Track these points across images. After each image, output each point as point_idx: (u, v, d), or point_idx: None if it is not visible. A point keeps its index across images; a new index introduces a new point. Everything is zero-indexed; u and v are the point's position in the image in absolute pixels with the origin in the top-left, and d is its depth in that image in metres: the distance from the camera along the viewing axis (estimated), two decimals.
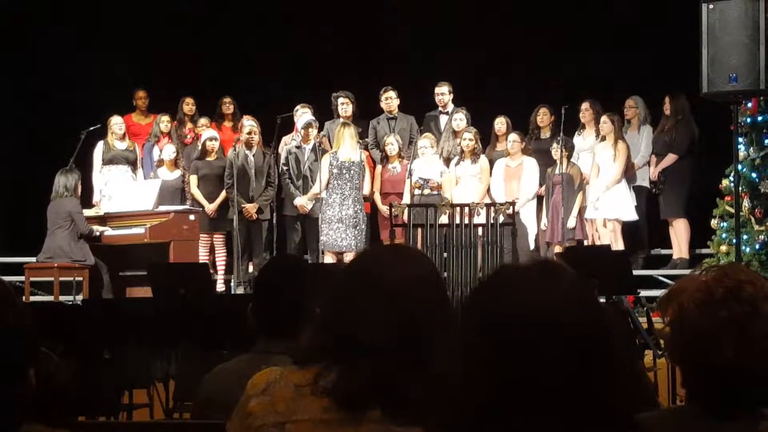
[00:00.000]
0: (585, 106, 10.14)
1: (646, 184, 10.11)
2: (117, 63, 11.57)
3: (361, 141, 10.32)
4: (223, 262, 10.31)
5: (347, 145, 9.58)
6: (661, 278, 9.55)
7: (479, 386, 1.28)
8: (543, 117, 10.43)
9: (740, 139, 8.59)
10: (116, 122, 10.63)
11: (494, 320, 1.31)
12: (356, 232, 9.43)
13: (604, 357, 1.31)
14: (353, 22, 11.84)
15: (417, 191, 9.73)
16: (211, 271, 9.56)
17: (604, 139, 9.84)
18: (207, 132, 10.58)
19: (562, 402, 1.26)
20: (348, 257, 9.26)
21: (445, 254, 8.66)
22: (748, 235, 8.61)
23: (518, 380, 1.26)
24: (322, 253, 9.44)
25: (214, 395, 2.80)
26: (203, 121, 11.08)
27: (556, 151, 9.69)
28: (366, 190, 9.76)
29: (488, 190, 9.96)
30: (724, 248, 8.82)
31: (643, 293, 7.84)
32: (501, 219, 8.69)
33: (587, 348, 1.30)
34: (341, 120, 10.34)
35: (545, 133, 10.41)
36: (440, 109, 10.65)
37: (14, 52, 11.62)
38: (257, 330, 2.88)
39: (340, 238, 9.38)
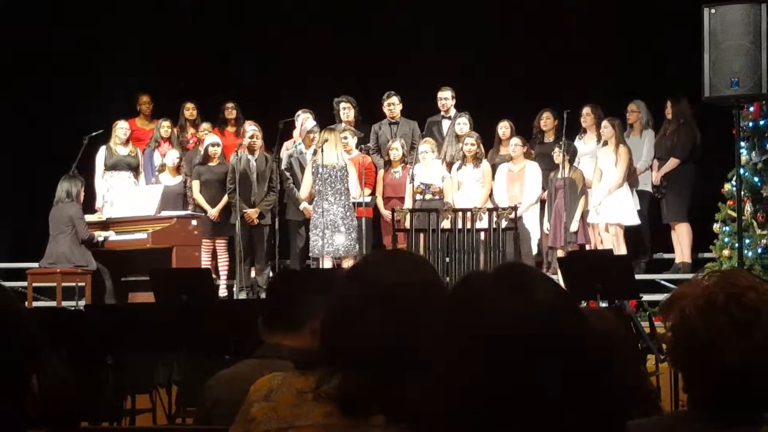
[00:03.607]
0: (586, 110, 10.14)
1: (649, 188, 10.11)
2: (120, 68, 11.58)
3: (363, 146, 10.33)
4: (226, 267, 10.31)
5: (329, 150, 9.52)
6: (663, 282, 9.54)
7: (468, 394, 1.27)
8: (546, 121, 10.43)
9: (742, 144, 8.60)
10: (122, 127, 10.61)
11: (469, 331, 1.30)
12: (344, 236, 9.36)
13: (581, 363, 1.31)
14: (355, 25, 11.84)
15: (418, 196, 9.72)
16: (214, 276, 9.55)
17: (605, 143, 9.83)
18: (209, 137, 10.57)
19: (545, 410, 1.26)
20: (346, 262, 9.25)
21: (447, 259, 8.65)
22: (750, 240, 8.61)
23: (501, 390, 1.26)
24: (321, 258, 9.40)
25: (217, 400, 2.80)
26: (205, 126, 11.07)
27: (558, 155, 9.69)
28: (355, 193, 9.60)
29: (491, 195, 9.95)
30: (726, 252, 8.82)
31: (646, 297, 7.85)
32: (503, 223, 8.68)
33: (557, 356, 1.29)
34: (343, 125, 10.36)
35: (549, 137, 10.41)
36: (443, 113, 10.64)
37: (16, 55, 11.62)
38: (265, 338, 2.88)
39: (327, 243, 9.33)
